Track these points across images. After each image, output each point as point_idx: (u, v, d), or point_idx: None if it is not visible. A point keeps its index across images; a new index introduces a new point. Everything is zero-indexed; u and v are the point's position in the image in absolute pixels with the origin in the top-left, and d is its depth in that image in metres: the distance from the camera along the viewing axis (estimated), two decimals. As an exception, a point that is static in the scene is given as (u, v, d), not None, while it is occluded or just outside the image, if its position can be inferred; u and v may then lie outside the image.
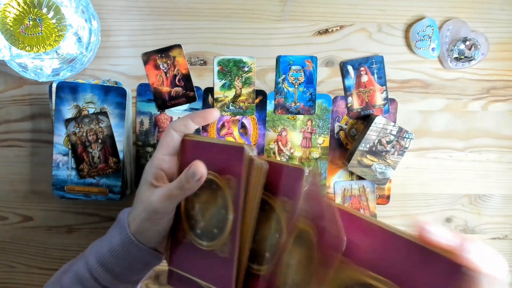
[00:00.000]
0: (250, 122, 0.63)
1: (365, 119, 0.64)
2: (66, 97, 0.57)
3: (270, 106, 0.63)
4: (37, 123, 0.63)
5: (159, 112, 0.63)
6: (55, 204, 0.63)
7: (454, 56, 0.62)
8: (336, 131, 0.64)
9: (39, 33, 0.55)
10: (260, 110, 0.63)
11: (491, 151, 0.65)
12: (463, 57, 0.62)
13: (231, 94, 0.63)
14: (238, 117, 0.63)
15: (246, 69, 0.63)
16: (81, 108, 0.58)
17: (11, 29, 0.54)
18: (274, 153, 0.64)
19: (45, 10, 0.54)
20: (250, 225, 0.40)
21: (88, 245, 0.51)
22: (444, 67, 0.64)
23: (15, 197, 0.63)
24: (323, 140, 0.64)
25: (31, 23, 0.54)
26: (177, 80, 0.62)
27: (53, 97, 0.57)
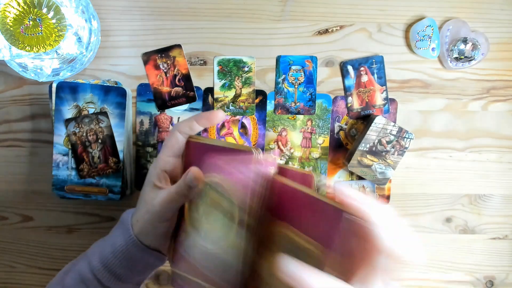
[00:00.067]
0: (250, 122, 0.63)
1: (365, 119, 0.64)
2: (66, 97, 0.57)
3: (270, 106, 0.63)
4: (37, 123, 0.63)
5: (159, 112, 0.63)
6: (55, 204, 0.63)
7: (454, 56, 0.62)
8: (336, 131, 0.64)
9: (39, 33, 0.55)
10: (260, 110, 0.63)
11: (491, 151, 0.65)
12: (463, 57, 0.62)
13: (231, 94, 0.63)
14: (238, 117, 0.63)
15: (246, 69, 0.63)
16: (81, 108, 0.58)
17: (11, 29, 0.54)
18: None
19: (45, 10, 0.54)
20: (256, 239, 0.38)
21: (88, 245, 0.51)
22: (444, 67, 0.64)
23: (15, 197, 0.63)
24: (323, 140, 0.64)
25: (31, 23, 0.54)
26: (177, 80, 0.62)
27: (53, 97, 0.57)
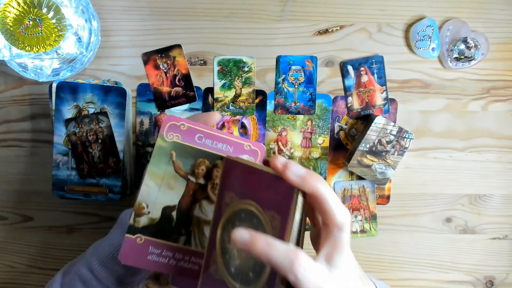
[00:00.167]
0: (250, 122, 0.63)
1: (365, 119, 0.64)
2: (66, 97, 0.57)
3: (270, 106, 0.63)
4: (37, 123, 0.63)
5: (159, 112, 0.63)
6: (55, 204, 0.63)
7: (454, 56, 0.62)
8: (336, 131, 0.64)
9: (39, 33, 0.55)
10: (260, 110, 0.63)
11: (491, 151, 0.65)
12: (463, 57, 0.62)
13: (231, 94, 0.63)
14: (238, 117, 0.63)
15: (246, 69, 0.63)
16: (81, 108, 0.58)
17: (11, 29, 0.54)
18: (274, 153, 0.64)
19: (45, 10, 0.54)
20: None
21: (88, 245, 0.51)
22: (444, 67, 0.64)
23: (15, 197, 0.63)
24: (323, 140, 0.64)
25: (31, 23, 0.54)
26: (177, 80, 0.62)
27: (53, 97, 0.57)
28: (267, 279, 0.35)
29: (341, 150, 0.64)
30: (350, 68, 0.63)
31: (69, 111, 0.58)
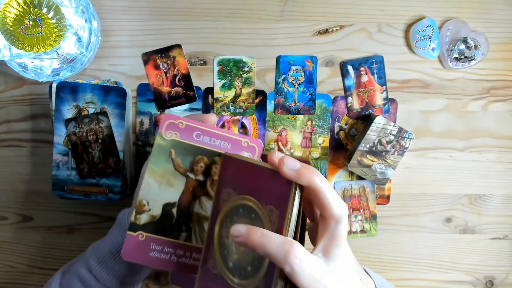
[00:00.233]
0: (250, 122, 0.63)
1: (365, 119, 0.64)
2: (66, 97, 0.57)
3: (270, 106, 0.63)
4: (37, 123, 0.63)
5: (159, 112, 0.63)
6: (55, 204, 0.63)
7: (454, 56, 0.62)
8: (336, 131, 0.64)
9: (39, 33, 0.55)
10: (260, 110, 0.63)
11: (491, 151, 0.65)
12: (463, 57, 0.62)
13: (231, 94, 0.63)
14: (238, 117, 0.63)
15: (246, 69, 0.63)
16: (81, 108, 0.58)
17: (11, 29, 0.54)
18: (274, 153, 0.64)
19: (45, 10, 0.54)
20: None
21: (88, 245, 0.51)
22: (444, 67, 0.64)
23: (15, 197, 0.63)
24: (323, 140, 0.64)
25: (31, 23, 0.54)
26: (177, 80, 0.62)
27: (53, 97, 0.57)
28: (265, 273, 0.35)
29: (341, 150, 0.64)
30: (350, 68, 0.63)
31: (69, 111, 0.58)
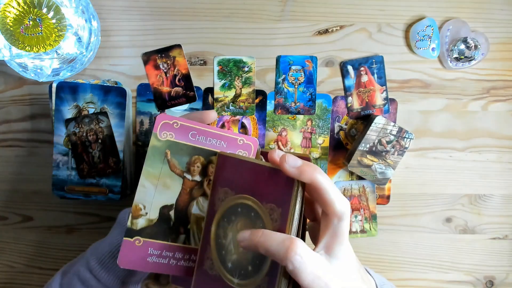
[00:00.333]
0: (250, 122, 0.63)
1: (365, 119, 0.64)
2: (66, 97, 0.57)
3: (270, 106, 0.63)
4: (37, 123, 0.63)
5: (159, 112, 0.63)
6: (55, 204, 0.63)
7: (454, 56, 0.62)
8: (336, 131, 0.64)
9: (39, 33, 0.55)
10: (260, 110, 0.63)
11: (491, 151, 0.65)
12: (463, 57, 0.62)
13: (231, 94, 0.63)
14: (238, 117, 0.63)
15: (246, 69, 0.63)
16: (81, 108, 0.58)
17: (11, 29, 0.54)
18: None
19: (45, 10, 0.54)
20: None
21: (88, 245, 0.51)
22: (444, 67, 0.64)
23: (15, 197, 0.63)
24: (323, 140, 0.64)
25: (31, 23, 0.54)
26: (177, 80, 0.62)
27: (53, 97, 0.57)
28: (267, 272, 0.35)
29: (341, 150, 0.64)
30: (350, 68, 0.63)
31: (69, 111, 0.58)
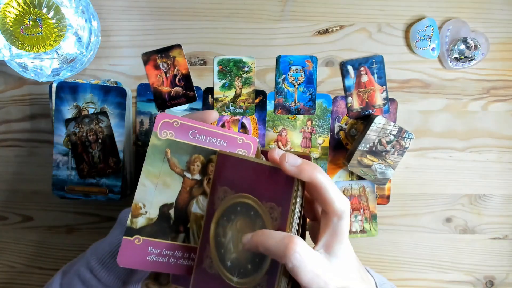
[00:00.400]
0: (250, 122, 0.63)
1: (365, 119, 0.64)
2: (66, 97, 0.57)
3: (270, 106, 0.63)
4: (37, 123, 0.63)
5: (159, 112, 0.63)
6: (55, 204, 0.63)
7: (454, 56, 0.62)
8: (336, 131, 0.64)
9: (39, 33, 0.55)
10: (260, 110, 0.63)
11: (491, 151, 0.65)
12: (463, 57, 0.62)
13: (231, 94, 0.63)
14: (238, 117, 0.63)
15: (246, 69, 0.63)
16: (81, 108, 0.58)
17: (11, 29, 0.54)
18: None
19: (45, 10, 0.54)
20: None
21: (88, 245, 0.51)
22: (444, 67, 0.64)
23: (15, 197, 0.63)
24: (323, 140, 0.64)
25: (31, 23, 0.54)
26: (177, 80, 0.62)
27: (53, 97, 0.57)
28: (267, 270, 0.34)
29: (341, 150, 0.64)
30: (350, 68, 0.63)
31: (69, 111, 0.58)
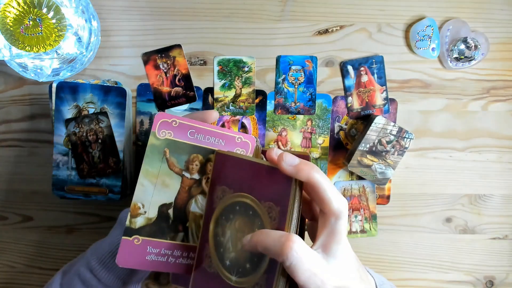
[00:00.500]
0: (250, 122, 0.63)
1: (365, 119, 0.64)
2: (66, 97, 0.57)
3: (270, 106, 0.63)
4: (37, 123, 0.63)
5: (158, 112, 0.62)
6: (55, 204, 0.63)
7: (454, 56, 0.62)
8: (336, 131, 0.64)
9: (39, 33, 0.55)
10: (260, 110, 0.63)
11: (491, 151, 0.65)
12: (463, 57, 0.62)
13: (231, 94, 0.63)
14: (238, 117, 0.63)
15: (246, 69, 0.63)
16: (81, 108, 0.58)
17: (11, 29, 0.54)
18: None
19: (45, 10, 0.54)
20: None
21: (88, 245, 0.51)
22: (444, 67, 0.64)
23: (15, 197, 0.63)
24: (323, 140, 0.64)
25: (31, 23, 0.54)
26: (177, 80, 0.62)
27: (53, 97, 0.57)
28: (266, 270, 0.34)
29: (341, 150, 0.64)
30: (350, 68, 0.63)
31: (69, 111, 0.58)
